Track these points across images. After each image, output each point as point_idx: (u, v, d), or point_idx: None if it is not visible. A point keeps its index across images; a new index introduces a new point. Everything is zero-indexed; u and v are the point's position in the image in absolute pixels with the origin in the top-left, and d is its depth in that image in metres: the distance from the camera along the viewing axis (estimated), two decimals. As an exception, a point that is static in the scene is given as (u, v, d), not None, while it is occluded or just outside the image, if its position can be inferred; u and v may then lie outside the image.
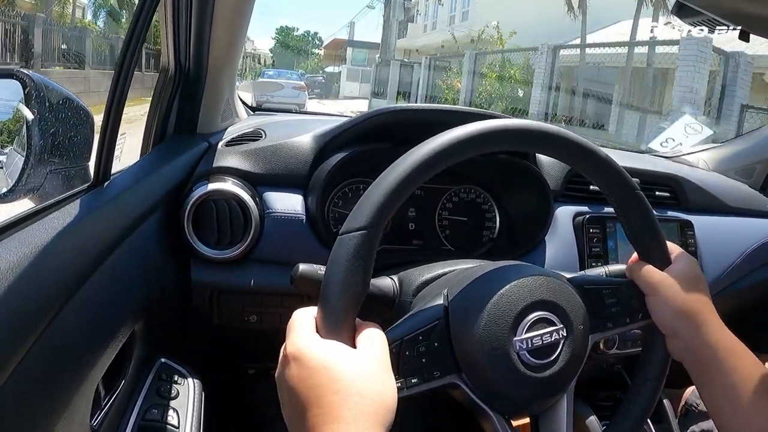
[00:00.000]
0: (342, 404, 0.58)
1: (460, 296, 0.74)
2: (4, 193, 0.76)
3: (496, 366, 0.70)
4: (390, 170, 0.68)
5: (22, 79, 0.75)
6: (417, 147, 0.70)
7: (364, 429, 0.58)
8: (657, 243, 0.82)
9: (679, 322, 0.78)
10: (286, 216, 1.14)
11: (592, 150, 0.77)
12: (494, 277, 0.75)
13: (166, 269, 1.07)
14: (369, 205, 0.66)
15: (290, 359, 0.63)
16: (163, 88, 1.24)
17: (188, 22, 1.13)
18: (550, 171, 1.30)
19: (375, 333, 0.66)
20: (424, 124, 0.94)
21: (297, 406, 0.61)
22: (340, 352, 0.62)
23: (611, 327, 0.81)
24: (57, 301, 0.67)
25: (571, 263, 1.26)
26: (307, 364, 0.61)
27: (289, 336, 0.65)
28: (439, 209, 1.34)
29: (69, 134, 0.83)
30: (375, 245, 0.66)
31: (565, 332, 0.73)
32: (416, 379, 0.69)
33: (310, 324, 0.66)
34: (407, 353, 0.69)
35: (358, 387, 0.60)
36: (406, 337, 0.70)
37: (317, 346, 0.63)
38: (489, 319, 0.70)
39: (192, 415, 0.95)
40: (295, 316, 0.68)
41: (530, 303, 0.72)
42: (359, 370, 0.61)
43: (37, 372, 0.62)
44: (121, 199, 0.90)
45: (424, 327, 0.71)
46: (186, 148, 1.20)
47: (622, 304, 0.82)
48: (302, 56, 70.12)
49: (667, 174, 1.49)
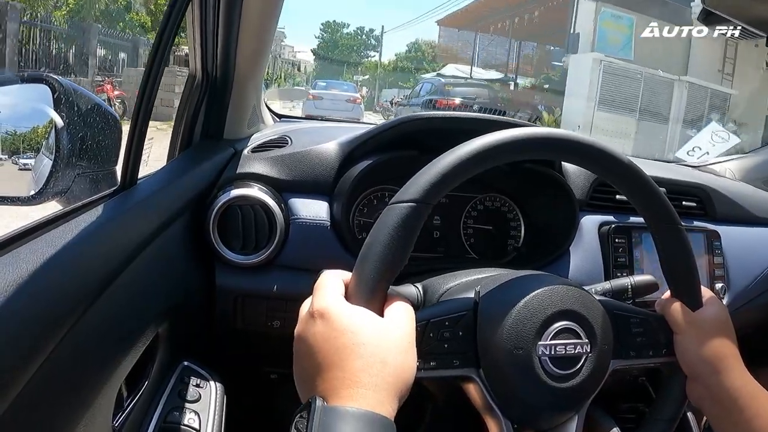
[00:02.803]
0: (364, 370, 0.59)
1: (492, 294, 0.75)
2: (33, 195, 0.77)
3: (517, 366, 0.69)
4: (449, 152, 0.69)
5: (52, 84, 0.77)
6: (478, 138, 0.71)
7: (383, 397, 0.58)
8: (692, 284, 0.82)
9: (703, 365, 0.78)
10: (311, 222, 1.15)
11: (643, 178, 0.76)
12: (527, 281, 0.76)
13: (190, 273, 1.08)
14: (423, 180, 0.67)
15: (316, 317, 0.63)
16: (190, 94, 1.26)
17: (215, 29, 1.15)
18: (575, 180, 1.29)
19: (404, 306, 0.67)
20: (450, 132, 0.94)
21: (317, 366, 0.61)
22: (368, 319, 0.63)
23: (634, 356, 0.80)
24: (82, 303, 0.68)
25: (596, 273, 1.24)
26: (334, 325, 0.61)
27: (317, 294, 0.66)
28: (464, 217, 1.34)
29: (97, 138, 0.85)
30: (421, 221, 0.67)
31: (589, 348, 0.72)
32: (435, 363, 0.70)
33: (339, 286, 0.67)
34: (431, 335, 0.70)
35: (382, 355, 0.60)
36: (433, 319, 0.71)
37: (346, 309, 0.63)
38: (517, 318, 0.70)
39: (213, 418, 0.95)
40: (325, 276, 0.68)
41: (560, 311, 0.72)
42: (384, 339, 0.62)
43: (61, 372, 0.63)
44: (148, 203, 0.91)
45: (452, 314, 0.72)
46: (212, 153, 1.21)
47: (649, 336, 0.81)
48: (355, 57, 59.04)
49: (694, 183, 1.47)
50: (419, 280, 0.92)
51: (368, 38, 62.67)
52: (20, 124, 0.79)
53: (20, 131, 0.80)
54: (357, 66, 57.09)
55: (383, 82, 45.54)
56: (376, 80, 46.50)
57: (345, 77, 51.10)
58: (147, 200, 0.91)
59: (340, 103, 16.43)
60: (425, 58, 52.14)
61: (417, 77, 42.57)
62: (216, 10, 1.11)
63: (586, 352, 0.72)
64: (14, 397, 0.54)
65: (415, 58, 53.86)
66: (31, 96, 0.78)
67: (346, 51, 60.33)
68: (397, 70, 49.44)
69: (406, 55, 56.35)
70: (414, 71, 46.34)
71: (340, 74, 52.53)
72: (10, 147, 0.79)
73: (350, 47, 61.15)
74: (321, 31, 62.74)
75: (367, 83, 49.25)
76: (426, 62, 50.10)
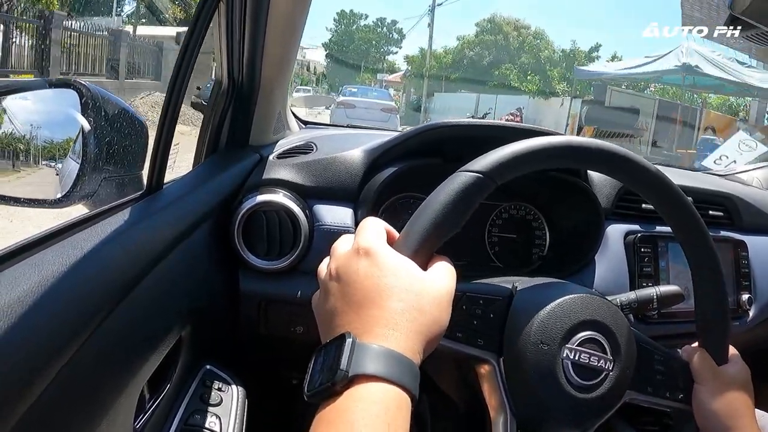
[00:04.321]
0: (401, 314, 0.59)
1: (527, 290, 0.75)
2: (59, 198, 0.79)
3: (538, 362, 0.70)
4: (525, 141, 0.70)
5: (79, 89, 0.78)
6: (552, 136, 0.72)
7: (414, 343, 0.59)
8: (722, 339, 0.82)
9: (717, 420, 0.79)
10: (335, 229, 1.15)
11: (692, 215, 0.77)
12: (563, 287, 0.76)
13: (214, 278, 1.09)
14: (495, 156, 0.69)
15: (362, 254, 0.63)
16: (216, 100, 1.27)
17: (242, 36, 1.16)
18: (601, 188, 1.27)
19: (448, 266, 0.67)
20: (474, 141, 0.94)
21: (354, 302, 0.61)
22: (411, 267, 0.63)
23: (650, 392, 0.80)
24: (107, 305, 0.69)
25: (622, 283, 1.22)
26: (379, 265, 0.62)
27: (361, 232, 0.66)
28: (489, 225, 1.33)
29: (123, 143, 0.86)
30: (483, 194, 0.68)
31: (611, 365, 0.72)
32: (461, 335, 0.71)
33: (383, 231, 0.67)
34: (464, 308, 0.71)
35: (421, 304, 0.61)
36: (469, 293, 0.73)
37: (391, 252, 0.64)
38: (549, 316, 0.71)
39: (234, 422, 0.96)
40: (368, 220, 0.69)
41: (592, 320, 0.72)
42: (425, 289, 0.62)
43: (85, 372, 0.64)
44: (173, 207, 0.92)
45: (489, 296, 0.74)
46: (238, 159, 1.23)
47: (669, 377, 0.81)
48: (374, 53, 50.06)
49: (721, 192, 1.45)
50: None
51: (390, 31, 52.48)
52: (48, 129, 0.80)
53: (50, 136, 0.82)
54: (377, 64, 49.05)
55: (435, 82, 34.80)
56: (421, 79, 35.47)
57: (362, 76, 44.00)
58: (172, 205, 0.92)
59: (374, 113, 14.98)
60: (511, 44, 38.50)
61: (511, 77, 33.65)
62: (242, 17, 1.12)
63: (608, 369, 0.71)
64: (37, 396, 0.55)
65: (495, 44, 38.57)
66: (59, 101, 0.80)
67: (364, 46, 51.17)
68: (465, 64, 37.56)
69: (480, 38, 39.61)
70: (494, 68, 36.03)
71: (357, 73, 45.24)
72: (47, 153, 0.81)
73: (368, 41, 51.42)
74: (335, 22, 52.26)
75: (397, 85, 40.31)
76: (514, 47, 38.01)
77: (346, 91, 20.17)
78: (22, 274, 0.59)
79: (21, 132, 0.80)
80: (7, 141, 0.80)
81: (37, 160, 0.80)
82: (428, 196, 0.67)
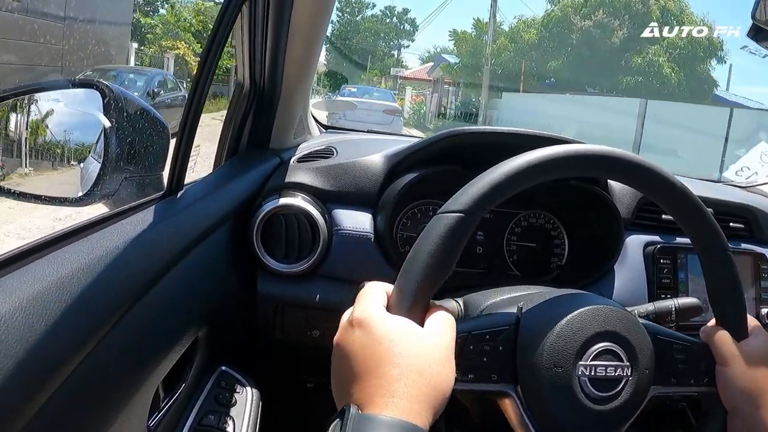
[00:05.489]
0: (399, 379, 0.59)
1: (534, 311, 0.73)
2: (80, 197, 0.80)
3: (555, 385, 0.68)
4: (501, 165, 0.69)
5: (102, 89, 0.79)
6: (529, 152, 0.70)
7: (417, 407, 0.58)
8: (738, 313, 0.79)
9: (744, 399, 0.75)
10: (354, 234, 1.15)
11: (691, 199, 0.74)
12: (570, 300, 0.74)
13: (232, 280, 1.10)
14: (473, 190, 0.67)
15: (355, 325, 0.63)
16: (237, 103, 1.28)
17: (264, 40, 1.17)
18: (621, 198, 1.26)
19: (446, 317, 0.66)
20: (495, 147, 0.93)
21: (353, 373, 0.61)
22: (406, 328, 0.63)
23: (674, 383, 0.78)
24: (124, 304, 0.69)
25: (640, 294, 1.21)
26: (372, 333, 0.62)
27: (358, 303, 0.66)
28: (508, 234, 1.32)
29: (144, 144, 0.87)
30: (468, 232, 0.66)
31: (629, 371, 0.70)
32: (473, 376, 0.69)
33: (381, 297, 0.67)
34: (471, 348, 0.69)
35: (419, 366, 0.60)
36: (474, 332, 0.70)
37: (385, 318, 0.63)
38: (558, 337, 0.69)
39: (248, 424, 0.96)
40: (367, 286, 0.69)
41: (602, 331, 0.70)
42: (422, 350, 0.61)
43: (101, 369, 0.65)
44: (193, 209, 0.93)
45: (494, 328, 0.71)
46: (258, 162, 1.23)
47: (691, 363, 0.78)
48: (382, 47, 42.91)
49: (742, 204, 1.43)
50: (460, 296, 0.91)
51: (401, 22, 45.12)
52: (71, 129, 0.82)
53: (73, 136, 0.83)
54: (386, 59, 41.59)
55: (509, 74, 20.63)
56: (475, 71, 21.99)
57: (370, 73, 38.35)
58: (192, 206, 0.93)
59: (375, 115, 13.61)
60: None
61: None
62: (265, 20, 1.13)
63: (627, 375, 0.70)
64: (53, 391, 0.56)
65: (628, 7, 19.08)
66: (82, 100, 0.81)
67: (370, 38, 44.35)
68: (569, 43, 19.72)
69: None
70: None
71: (363, 71, 38.24)
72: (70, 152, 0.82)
73: (375, 33, 44.61)
74: (338, 11, 42.91)
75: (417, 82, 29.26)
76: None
77: (345, 91, 18.83)
78: (41, 271, 0.59)
79: (44, 131, 0.81)
80: (31, 139, 0.82)
81: (59, 159, 0.82)
82: (414, 245, 0.66)
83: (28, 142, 0.82)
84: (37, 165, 0.82)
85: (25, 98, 0.83)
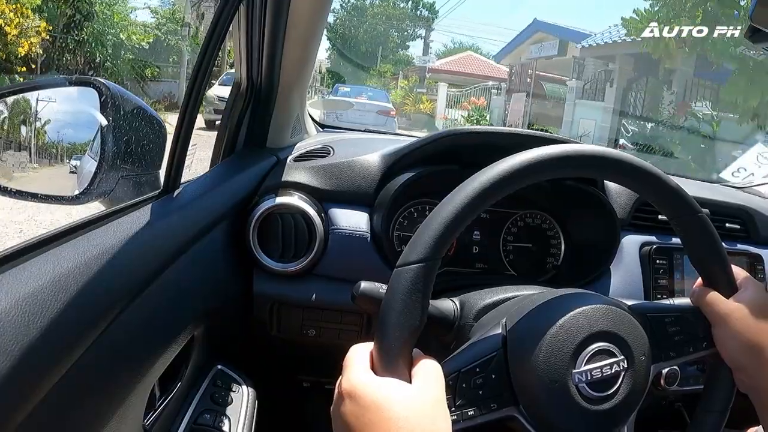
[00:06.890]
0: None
1: (519, 326, 0.72)
2: (77, 195, 0.79)
3: (555, 399, 0.68)
4: (447, 201, 0.67)
5: (99, 87, 0.79)
6: (473, 177, 0.69)
7: None
8: (722, 268, 0.79)
9: (746, 356, 0.75)
10: (350, 233, 1.15)
11: (656, 174, 0.74)
12: (553, 307, 0.73)
13: (228, 279, 1.10)
14: (427, 237, 0.66)
15: (345, 396, 0.63)
16: (234, 102, 1.28)
17: (261, 39, 1.17)
18: (617, 199, 1.26)
19: (431, 367, 0.65)
20: (492, 147, 0.93)
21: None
22: (394, 391, 0.62)
23: (674, 356, 0.77)
24: (120, 302, 0.69)
25: (636, 294, 1.21)
26: (361, 402, 0.61)
27: (345, 372, 0.65)
28: (504, 233, 1.32)
29: (141, 142, 0.87)
30: (432, 277, 0.65)
31: (626, 363, 0.70)
32: (473, 411, 0.68)
33: (365, 360, 0.66)
34: (464, 385, 0.68)
35: (411, 426, 0.59)
36: (463, 369, 0.69)
37: (371, 383, 0.62)
38: (548, 350, 0.68)
39: (244, 423, 0.96)
40: (352, 351, 0.68)
41: (590, 334, 0.70)
42: (412, 409, 0.60)
43: (96, 368, 0.65)
44: (190, 207, 0.93)
45: (482, 359, 0.70)
46: (255, 161, 1.23)
47: (686, 332, 0.78)
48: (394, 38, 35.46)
49: (738, 205, 1.43)
50: (456, 295, 0.91)
51: (416, 6, 36.47)
52: (68, 127, 0.81)
53: (70, 134, 0.83)
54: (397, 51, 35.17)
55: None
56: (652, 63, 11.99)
57: (381, 68, 31.83)
58: (189, 205, 0.93)
59: (369, 115, 13.37)
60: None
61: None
62: (262, 19, 1.13)
63: (624, 369, 0.70)
64: (49, 389, 0.56)
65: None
66: (79, 99, 0.81)
67: (380, 26, 36.41)
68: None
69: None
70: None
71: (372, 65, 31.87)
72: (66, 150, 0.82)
73: (386, 19, 36.38)
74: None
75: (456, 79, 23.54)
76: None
77: (338, 90, 18.13)
78: (37, 269, 0.59)
79: (40, 128, 0.81)
80: (28, 137, 0.82)
81: (56, 157, 0.81)
82: (382, 302, 0.65)
83: (25, 140, 0.82)
84: (33, 163, 0.82)
85: (22, 96, 0.82)
